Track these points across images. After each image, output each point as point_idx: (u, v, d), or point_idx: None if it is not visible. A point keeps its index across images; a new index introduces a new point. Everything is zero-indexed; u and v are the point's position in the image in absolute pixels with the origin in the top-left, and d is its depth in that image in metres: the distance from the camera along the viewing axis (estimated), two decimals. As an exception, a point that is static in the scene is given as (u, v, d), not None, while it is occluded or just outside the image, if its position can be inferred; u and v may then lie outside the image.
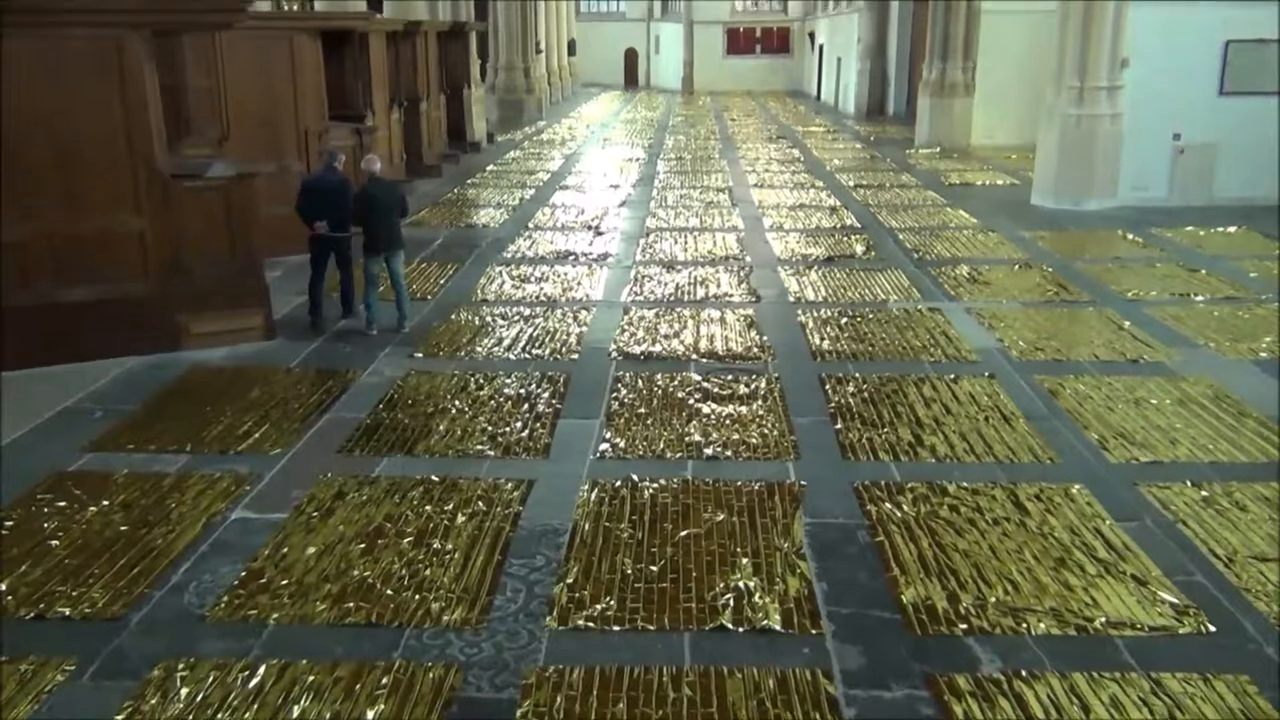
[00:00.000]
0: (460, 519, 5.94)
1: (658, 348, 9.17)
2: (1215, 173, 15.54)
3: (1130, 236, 13.66)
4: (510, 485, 6.40)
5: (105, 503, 6.15)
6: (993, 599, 5.07)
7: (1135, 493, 6.28)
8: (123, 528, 5.84)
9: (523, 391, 8.07)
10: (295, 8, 17.47)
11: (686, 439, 7.12)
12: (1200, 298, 10.70)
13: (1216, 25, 15.10)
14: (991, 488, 6.34)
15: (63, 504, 6.14)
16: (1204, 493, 6.25)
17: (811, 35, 46.55)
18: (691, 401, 7.82)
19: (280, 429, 7.33)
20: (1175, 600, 5.05)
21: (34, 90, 8.18)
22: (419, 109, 19.45)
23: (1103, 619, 4.90)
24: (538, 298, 10.87)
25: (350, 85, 15.15)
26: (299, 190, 9.76)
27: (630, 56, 54.65)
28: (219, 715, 4.23)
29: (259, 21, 12.03)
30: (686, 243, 13.61)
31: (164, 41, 9.76)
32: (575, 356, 8.98)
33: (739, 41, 51.36)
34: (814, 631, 4.84)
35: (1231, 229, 13.97)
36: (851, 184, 18.68)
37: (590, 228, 14.65)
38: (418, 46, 19.51)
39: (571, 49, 47.29)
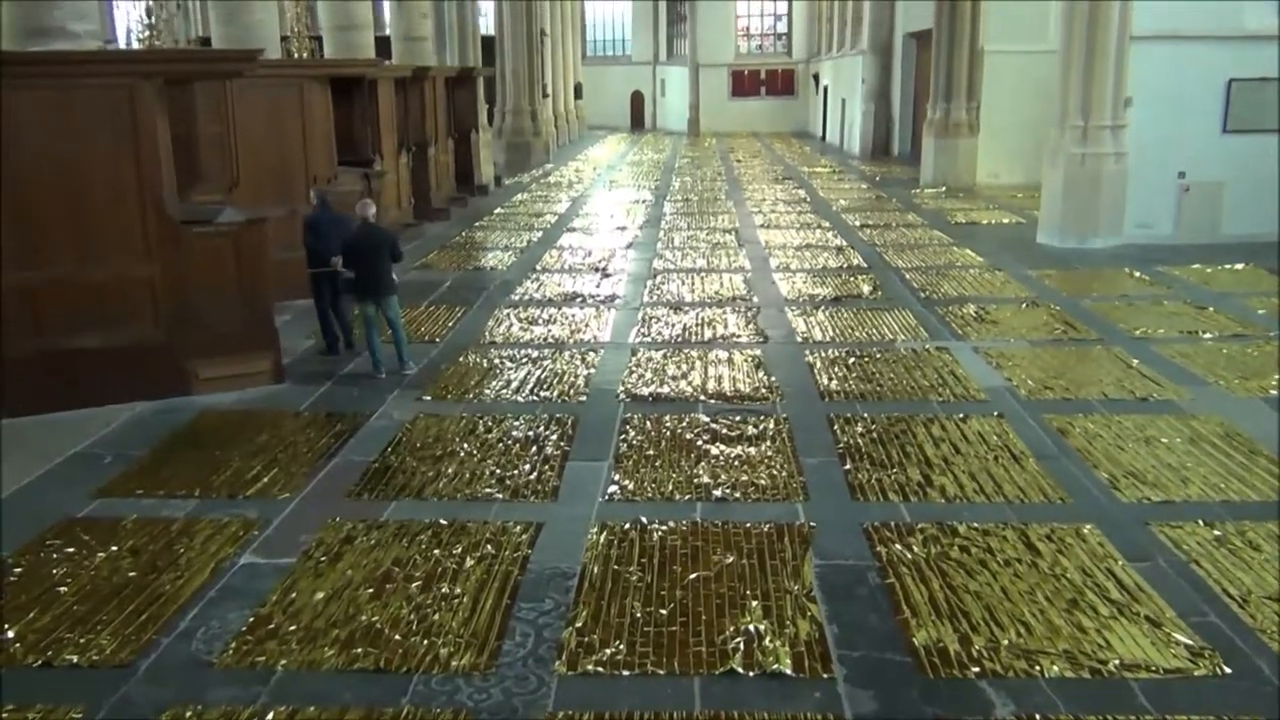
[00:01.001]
0: (469, 562, 5.92)
1: (666, 389, 9.18)
2: (1221, 210, 15.59)
3: (1137, 274, 13.67)
4: (519, 528, 6.39)
5: (114, 548, 6.15)
6: (1005, 641, 5.03)
7: (1147, 532, 6.24)
8: (131, 574, 5.84)
9: (531, 434, 8.07)
10: (306, 55, 17.70)
11: (695, 480, 7.10)
12: (1208, 335, 10.68)
13: (1219, 64, 15.21)
14: (1002, 528, 6.30)
15: (71, 550, 6.14)
16: (1216, 532, 6.21)
17: (816, 77, 46.96)
18: (700, 443, 7.82)
19: (289, 473, 7.34)
20: (1190, 642, 5.00)
21: (46, 139, 8.30)
22: (427, 153, 19.64)
23: (1117, 661, 4.85)
24: (545, 340, 10.90)
25: (359, 131, 15.32)
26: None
27: (636, 99, 55.15)
28: (226, 764, 4.20)
29: (270, 69, 12.21)
30: (694, 284, 13.65)
31: (176, 89, 9.89)
32: (583, 398, 8.99)
33: (744, 84, 51.80)
34: (825, 675, 4.80)
35: (1238, 266, 13.97)
36: (858, 224, 18.75)
37: (597, 269, 14.72)
38: (426, 92, 19.71)
39: (578, 92, 47.74)
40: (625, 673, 4.84)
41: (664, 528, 6.35)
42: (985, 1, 23.40)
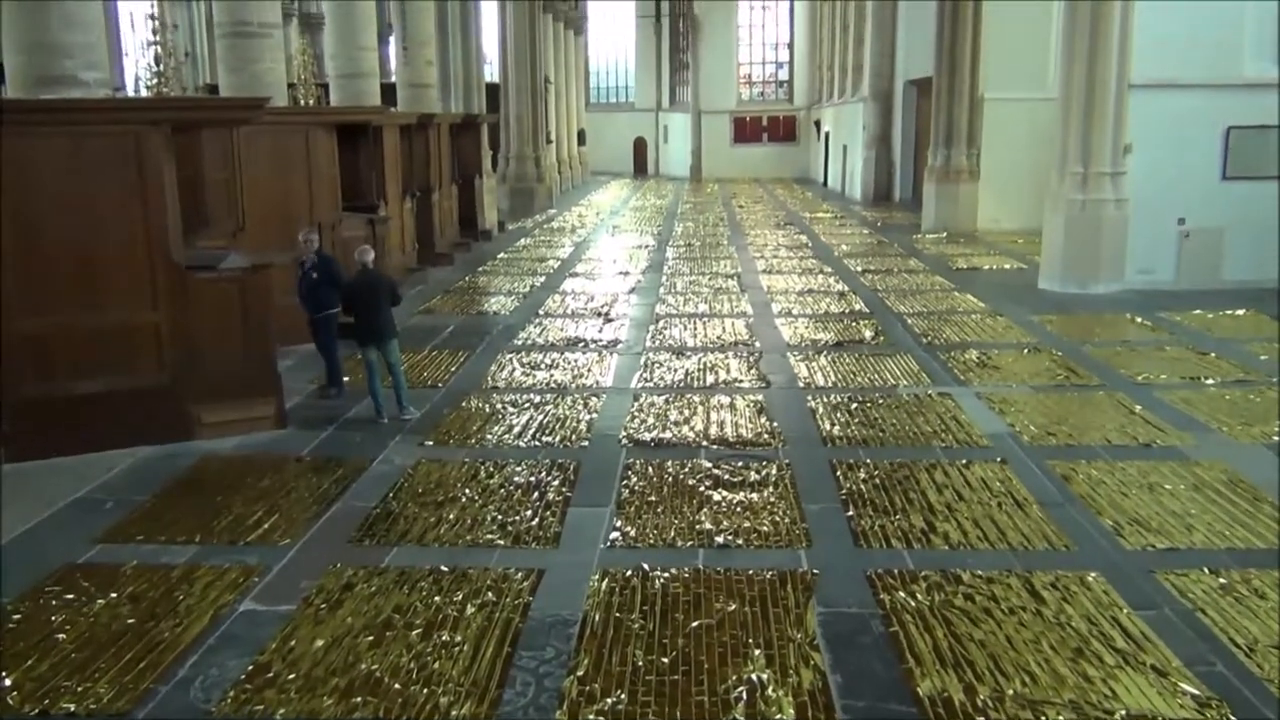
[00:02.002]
0: (469, 610, 5.89)
1: (668, 434, 9.17)
2: (1221, 256, 15.66)
3: (1138, 320, 13.70)
4: (520, 575, 6.36)
5: (113, 595, 6.12)
6: (1010, 691, 4.99)
7: (1152, 580, 6.21)
8: (130, 621, 5.80)
9: (533, 479, 8.06)
10: (312, 102, 17.88)
11: (697, 527, 7.08)
12: (1211, 381, 10.68)
13: (1217, 111, 15.35)
14: (1006, 575, 6.27)
15: (71, 596, 6.11)
16: (1222, 580, 6.17)
17: (817, 123, 47.37)
18: (702, 488, 7.80)
19: (290, 519, 7.32)
20: (1196, 691, 4.96)
21: (55, 185, 8.37)
22: (431, 199, 19.79)
23: (1123, 712, 4.81)
24: (548, 385, 10.91)
25: (364, 176, 15.44)
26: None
27: (639, 145, 55.63)
28: (223, 815, 4.16)
29: (276, 116, 12.32)
30: (696, 329, 13.69)
31: (183, 135, 9.98)
32: (585, 444, 8.98)
33: (746, 130, 52.28)
34: (829, 726, 4.76)
35: (1239, 312, 14.00)
36: (859, 269, 18.82)
37: (600, 314, 14.76)
38: (431, 138, 19.90)
39: (581, 138, 48.17)
40: (627, 723, 4.80)
41: (666, 575, 6.32)
42: (984, 49, 23.69)
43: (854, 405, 10.02)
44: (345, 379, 10.60)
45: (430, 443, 9.03)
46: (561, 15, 42.19)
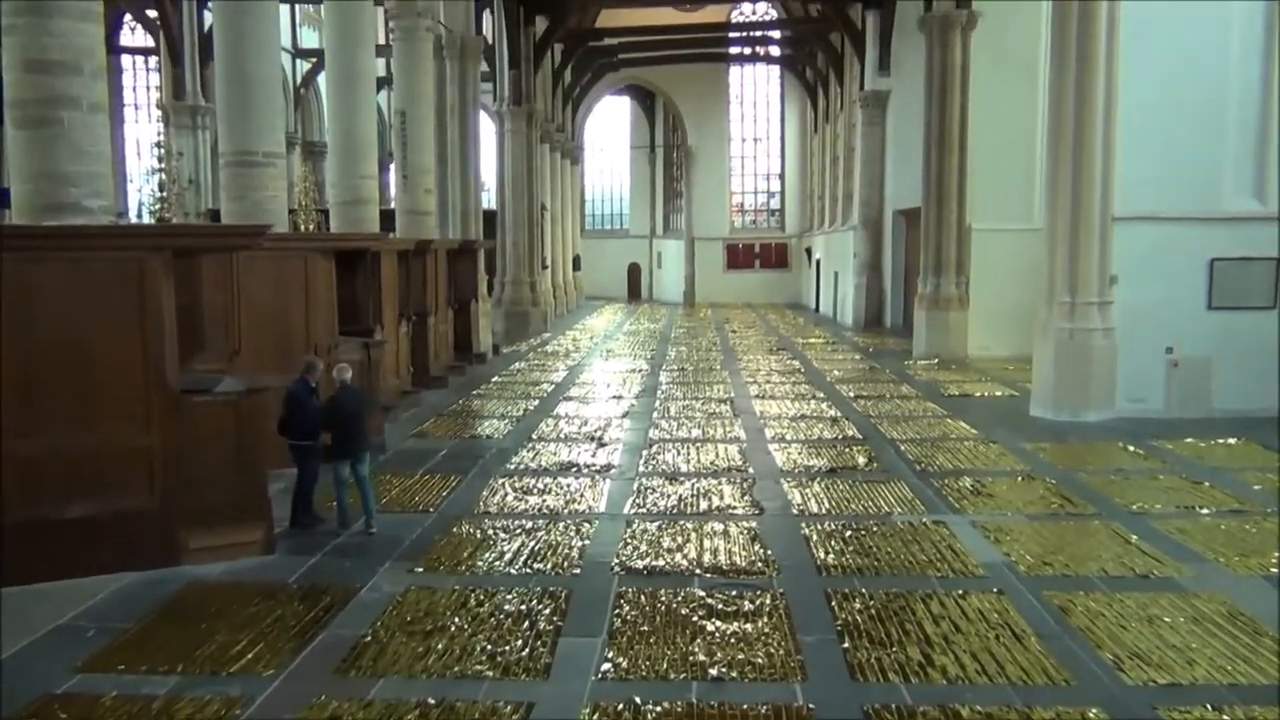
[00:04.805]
0: (457, 746, 5.74)
1: (661, 562, 9.07)
2: (1211, 385, 15.77)
3: (1131, 448, 13.72)
4: (509, 708, 6.21)
5: (91, 728, 5.96)
6: (1013, 835, 4.83)
7: (1155, 717, 6.08)
8: (107, 755, 5.64)
9: (524, 608, 7.93)
10: (312, 228, 18.18)
11: (690, 658, 6.95)
12: (1205, 511, 10.64)
13: (1200, 243, 15.68)
14: (1006, 711, 6.14)
15: (47, 729, 5.95)
16: (1225, 717, 6.05)
17: (809, 250, 48.22)
18: (695, 618, 7.68)
19: (275, 648, 7.18)
20: (1205, 836, 4.81)
21: (55, 310, 8.46)
22: (427, 322, 19.95)
23: None
24: (540, 510, 10.83)
25: (361, 301, 15.58)
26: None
27: (633, 270, 56.45)
28: None
29: (276, 242, 12.50)
30: (689, 454, 13.67)
31: (183, 259, 10.12)
32: (577, 571, 8.88)
33: (739, 256, 53.16)
34: None
35: (1231, 441, 14.04)
36: (852, 395, 18.91)
37: (593, 439, 14.75)
38: (428, 264, 20.18)
39: (576, 264, 48.94)
40: None
41: (658, 709, 6.18)
42: (971, 181, 24.29)
43: (848, 533, 9.94)
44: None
45: (420, 569, 8.91)
46: (558, 145, 43.34)
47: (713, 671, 6.74)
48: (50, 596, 8.12)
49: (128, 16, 39.17)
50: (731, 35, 48.37)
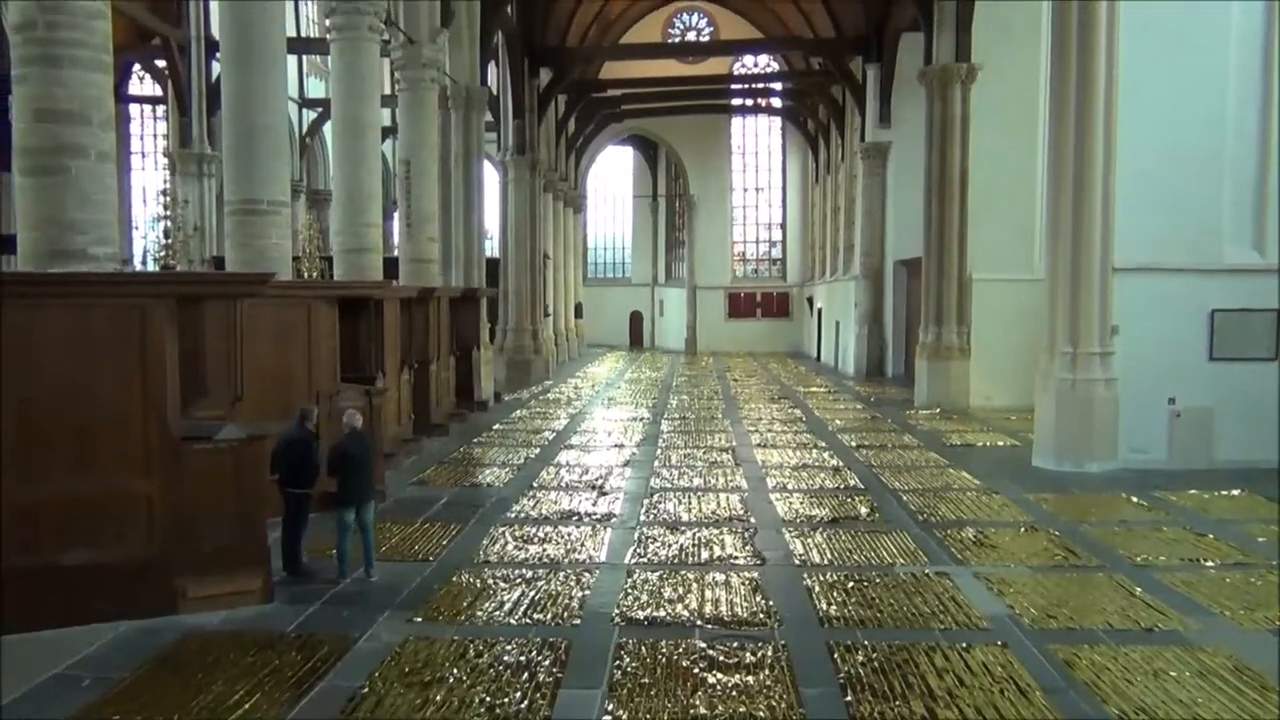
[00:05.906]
0: (454, 800, 5.66)
1: (662, 612, 9.01)
2: (1213, 436, 15.74)
3: (1134, 500, 13.66)
4: (508, 762, 6.14)
5: (84, 780, 5.89)
6: None
7: (1162, 774, 6.01)
8: (100, 808, 5.57)
9: (523, 659, 7.86)
10: (316, 275, 18.25)
11: (692, 712, 6.88)
12: (1210, 563, 10.58)
13: (1200, 295, 15.72)
14: (1011, 768, 6.06)
15: (40, 781, 5.88)
16: (1234, 775, 5.97)
17: (810, 300, 48.37)
18: (696, 670, 7.61)
19: (271, 699, 7.11)
20: None
21: (58, 356, 8.47)
22: (429, 370, 19.97)
23: None
24: (540, 559, 10.77)
25: (364, 348, 15.60)
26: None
27: (635, 319, 56.63)
28: None
29: (279, 290, 12.54)
30: (690, 503, 13.61)
31: (187, 306, 10.15)
32: (577, 621, 8.81)
33: (740, 305, 53.34)
34: None
35: (1234, 492, 13.99)
36: (854, 444, 18.87)
37: (594, 487, 14.70)
38: (431, 311, 20.23)
39: (579, 311, 49.08)
40: None
41: (659, 763, 6.10)
42: (971, 232, 24.43)
43: (850, 584, 9.88)
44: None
45: (419, 619, 8.85)
46: (561, 194, 43.65)
47: (714, 725, 6.67)
48: (46, 645, 8.05)
49: (136, 66, 39.62)
50: (733, 87, 48.94)
